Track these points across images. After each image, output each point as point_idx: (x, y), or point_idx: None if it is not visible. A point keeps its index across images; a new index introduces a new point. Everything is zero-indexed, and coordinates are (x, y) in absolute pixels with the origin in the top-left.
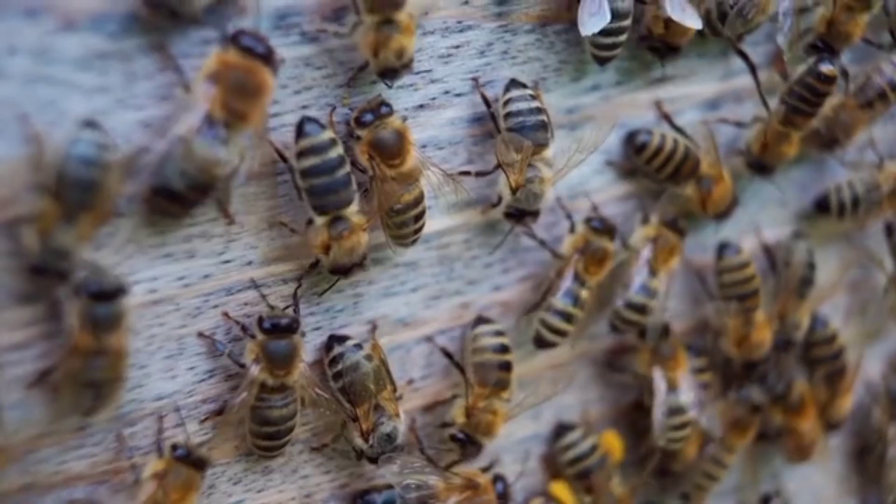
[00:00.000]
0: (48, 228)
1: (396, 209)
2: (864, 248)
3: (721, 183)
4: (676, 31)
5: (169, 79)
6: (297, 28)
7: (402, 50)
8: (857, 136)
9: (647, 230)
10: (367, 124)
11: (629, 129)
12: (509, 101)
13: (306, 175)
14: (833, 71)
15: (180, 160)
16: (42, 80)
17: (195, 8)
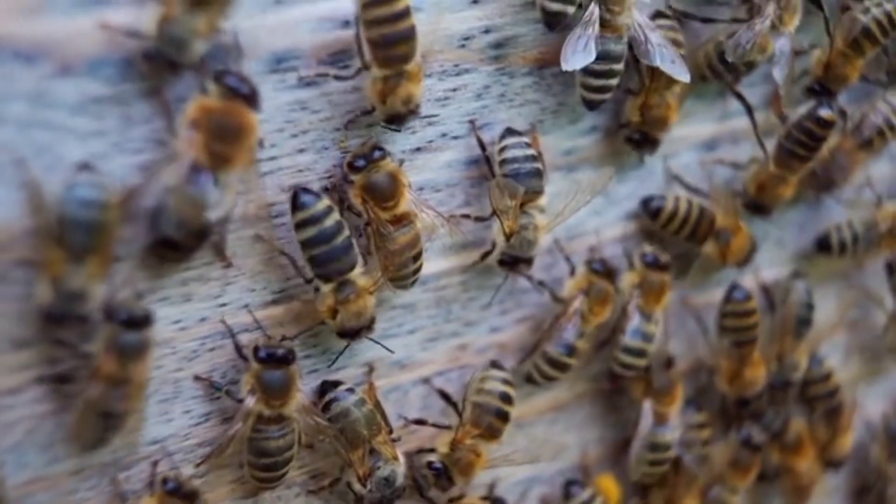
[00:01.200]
0: (58, 275)
1: (394, 250)
2: (863, 287)
3: (739, 233)
4: (656, 120)
5: (165, 123)
6: (294, 72)
7: (409, 97)
8: (854, 177)
9: (632, 276)
10: (360, 169)
11: (646, 196)
12: (505, 149)
13: (306, 246)
14: (832, 116)
15: (173, 209)
16: (38, 124)
17: (193, 56)
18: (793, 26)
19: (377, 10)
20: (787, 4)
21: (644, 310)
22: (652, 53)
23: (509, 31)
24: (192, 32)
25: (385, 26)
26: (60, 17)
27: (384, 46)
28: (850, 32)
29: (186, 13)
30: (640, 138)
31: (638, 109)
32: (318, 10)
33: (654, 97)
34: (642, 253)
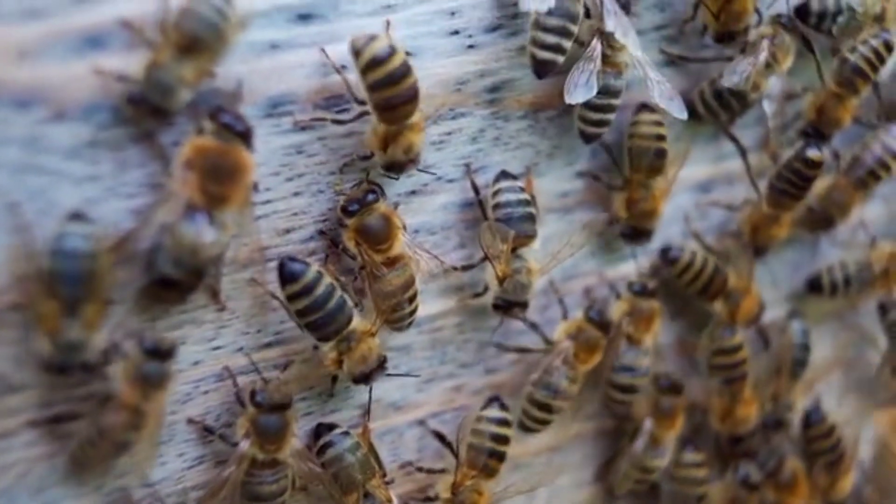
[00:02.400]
0: (55, 328)
1: (389, 292)
2: (858, 327)
3: (749, 296)
4: (643, 213)
5: (160, 167)
6: (290, 116)
7: (410, 146)
8: (852, 214)
9: (621, 305)
10: (353, 213)
11: (665, 244)
12: (498, 192)
13: (301, 315)
14: (819, 156)
15: (170, 249)
16: (32, 169)
17: (178, 104)
18: (786, 65)
19: (376, 73)
20: (780, 43)
21: (635, 338)
22: (651, 89)
23: (504, 75)
24: (179, 80)
25: (387, 90)
26: (55, 63)
27: (388, 109)
28: (841, 72)
29: (175, 60)
30: (631, 233)
31: (624, 205)
32: (314, 55)
33: (639, 191)
34: (629, 282)
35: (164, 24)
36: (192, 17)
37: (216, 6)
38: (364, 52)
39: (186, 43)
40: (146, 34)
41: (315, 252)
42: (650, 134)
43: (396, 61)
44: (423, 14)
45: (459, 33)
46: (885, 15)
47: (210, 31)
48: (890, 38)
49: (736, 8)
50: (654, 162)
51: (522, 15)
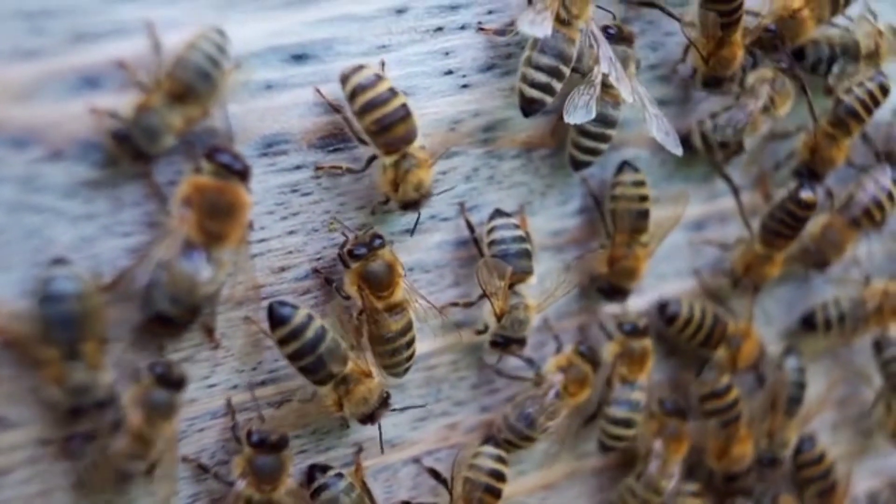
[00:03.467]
0: (60, 374)
1: (388, 337)
2: (852, 365)
3: (749, 339)
4: (623, 271)
5: (155, 206)
6: (284, 155)
7: (420, 183)
8: (846, 253)
9: (612, 346)
10: (360, 257)
11: (661, 300)
12: (493, 230)
13: (293, 359)
14: (813, 198)
15: (167, 285)
16: (28, 208)
17: (160, 149)
18: (784, 109)
19: (363, 97)
20: (780, 88)
21: (628, 378)
22: (648, 122)
23: (499, 114)
24: (167, 126)
25: (376, 111)
26: (52, 103)
27: (381, 132)
28: (835, 113)
29: (165, 106)
30: (608, 290)
31: (605, 262)
32: (308, 94)
33: (621, 249)
34: (620, 322)
35: (158, 69)
36: (185, 66)
37: (210, 56)
38: (350, 79)
39: (178, 91)
40: (140, 76)
41: (309, 290)
42: (632, 195)
43: (382, 87)
44: (416, 54)
45: (453, 73)
46: (879, 51)
47: (203, 81)
48: (885, 81)
49: (725, 54)
50: (636, 223)
51: (516, 55)
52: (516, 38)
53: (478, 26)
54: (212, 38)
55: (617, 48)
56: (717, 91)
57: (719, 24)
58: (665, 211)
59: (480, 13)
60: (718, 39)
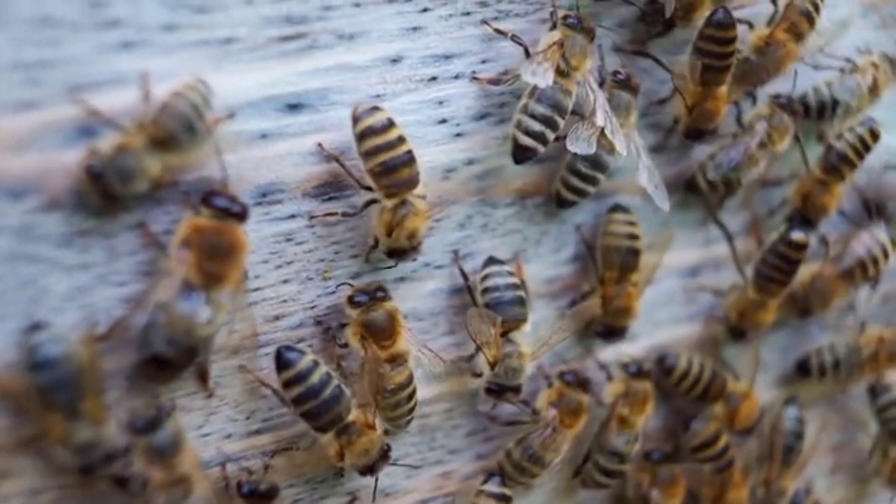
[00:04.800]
0: (64, 436)
1: (390, 389)
2: (847, 411)
3: (749, 400)
4: (617, 311)
5: (150, 255)
6: (279, 204)
7: (414, 232)
8: (833, 305)
9: (615, 386)
10: (360, 304)
11: (661, 352)
12: (487, 277)
13: (297, 403)
14: (804, 239)
15: (164, 327)
16: (24, 258)
17: (132, 192)
18: (782, 146)
19: (373, 140)
20: (778, 124)
21: (629, 421)
22: (640, 172)
23: (492, 162)
24: (142, 170)
25: (383, 154)
26: (48, 153)
27: (386, 174)
28: (827, 159)
29: (145, 150)
30: (605, 331)
31: (599, 303)
32: (303, 143)
33: (612, 288)
34: (623, 363)
35: (144, 113)
36: (169, 114)
37: (195, 105)
38: (363, 120)
39: (160, 136)
40: (118, 124)
41: (304, 339)
42: (623, 233)
43: (393, 134)
44: (411, 103)
45: (447, 122)
46: (878, 84)
47: (185, 130)
48: (875, 126)
49: (710, 107)
50: (626, 260)
51: (509, 103)
52: (510, 87)
53: (472, 75)
54: (197, 88)
55: (622, 95)
56: (697, 142)
57: (707, 68)
58: (656, 255)
59: (474, 62)
60: (704, 90)
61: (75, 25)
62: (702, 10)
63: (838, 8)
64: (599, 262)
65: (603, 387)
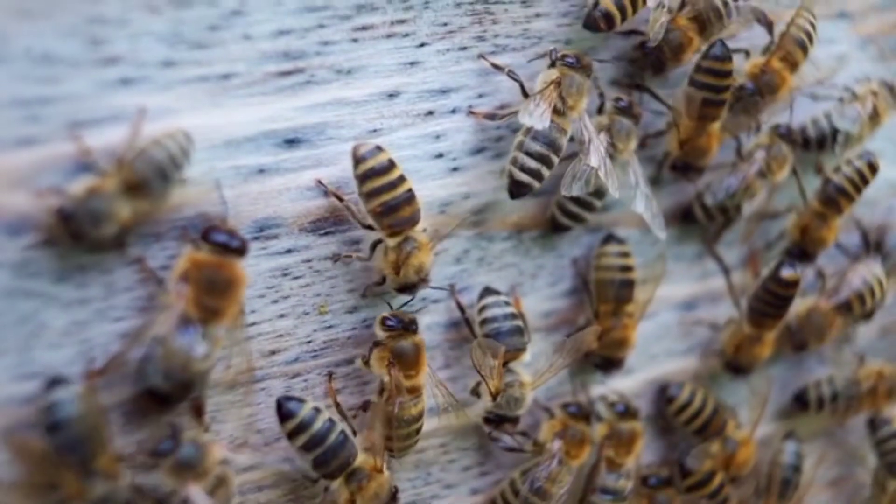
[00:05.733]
0: (81, 492)
1: (405, 419)
2: (846, 445)
3: (747, 447)
4: (613, 343)
5: (148, 290)
6: (276, 239)
7: (421, 266)
8: (829, 339)
9: (601, 427)
10: (391, 329)
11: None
12: (484, 308)
13: (303, 451)
14: (793, 275)
15: (160, 360)
16: (22, 293)
17: (100, 236)
18: (780, 176)
19: (375, 182)
20: (777, 154)
21: (615, 462)
22: (637, 199)
23: (489, 196)
24: (113, 214)
25: (385, 195)
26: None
27: (388, 214)
28: (825, 192)
29: (117, 194)
30: (602, 363)
31: (595, 336)
32: (300, 178)
33: (608, 320)
34: (611, 402)
35: (122, 156)
36: (146, 161)
37: (173, 156)
38: (366, 162)
39: (134, 182)
40: (100, 166)
41: (299, 374)
42: (615, 265)
43: (394, 174)
44: (408, 138)
45: (444, 156)
46: (878, 111)
47: (159, 179)
48: (874, 160)
49: (702, 144)
50: (621, 293)
51: (506, 137)
52: (506, 122)
53: (468, 110)
54: (178, 139)
55: (623, 121)
56: (684, 178)
57: (704, 102)
58: (650, 288)
59: (471, 97)
60: (698, 125)
61: (75, 62)
62: (691, 50)
63: (837, 43)
64: (594, 296)
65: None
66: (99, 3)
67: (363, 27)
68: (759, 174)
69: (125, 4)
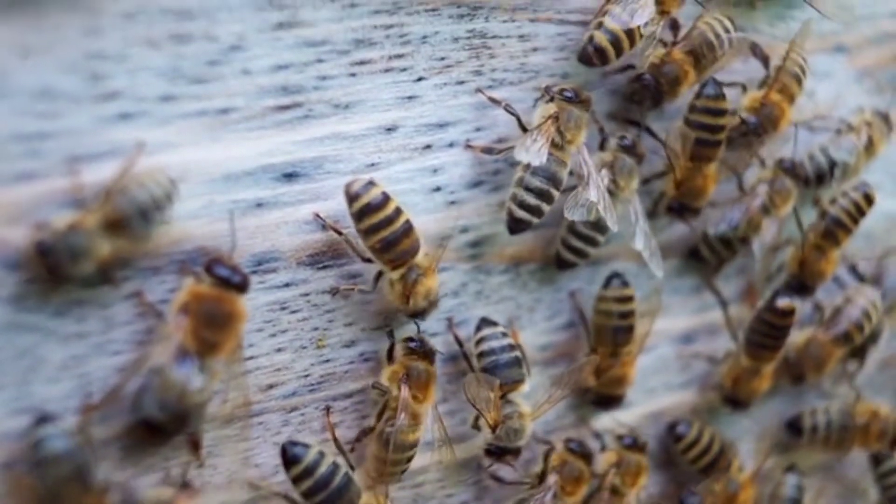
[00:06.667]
0: None
1: (400, 444)
2: (845, 479)
3: (747, 490)
4: (612, 381)
5: (146, 324)
6: (274, 273)
7: (429, 291)
8: (828, 370)
9: (608, 456)
10: (411, 350)
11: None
12: (481, 341)
13: (307, 496)
14: (789, 305)
15: (157, 391)
16: (20, 327)
17: (77, 273)
18: (785, 210)
19: (372, 218)
20: (781, 188)
21: (620, 491)
22: (637, 237)
23: (486, 230)
24: (92, 251)
25: (383, 230)
26: None
27: (387, 249)
28: (822, 224)
29: (97, 231)
30: (600, 399)
31: (593, 373)
32: (298, 212)
33: (606, 361)
34: (618, 435)
35: (107, 192)
36: (129, 200)
37: (156, 198)
38: (361, 199)
39: (114, 221)
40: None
41: (297, 408)
42: (615, 312)
43: (390, 207)
44: (406, 171)
45: (441, 189)
46: (873, 141)
47: (140, 220)
48: (870, 191)
49: (698, 184)
50: (618, 338)
51: (503, 171)
52: (504, 155)
53: (466, 143)
54: (162, 182)
55: (626, 159)
56: (679, 219)
57: (699, 142)
58: (646, 323)
59: (468, 130)
60: (694, 166)
61: (75, 97)
62: (687, 83)
63: (833, 76)
64: (592, 337)
65: (597, 456)
66: (99, 38)
67: (361, 62)
68: (763, 209)
69: (125, 40)
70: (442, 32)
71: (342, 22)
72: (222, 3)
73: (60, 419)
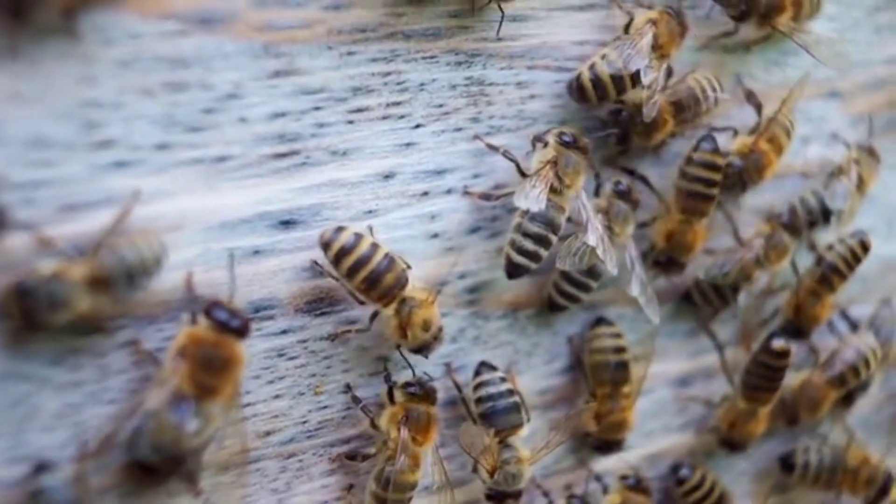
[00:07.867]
0: None
1: (400, 484)
2: None
3: None
4: (612, 426)
5: (142, 372)
6: (272, 320)
7: (427, 322)
8: (823, 413)
9: (612, 499)
10: (411, 394)
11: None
12: (479, 386)
13: None
14: (784, 346)
15: (151, 434)
16: (15, 376)
17: (53, 322)
18: (780, 264)
19: (349, 259)
20: (777, 243)
21: None
22: (633, 283)
23: (484, 275)
24: (71, 303)
25: (363, 269)
26: None
27: (373, 287)
28: (818, 270)
29: (80, 284)
30: (600, 445)
31: (593, 418)
32: (296, 259)
33: (606, 404)
34: (622, 475)
35: (97, 245)
36: (117, 259)
37: (144, 262)
38: (333, 244)
39: (99, 277)
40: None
41: (294, 454)
42: (609, 347)
43: (364, 245)
44: (403, 218)
45: (439, 236)
46: (863, 179)
47: (125, 281)
48: (866, 238)
49: (687, 239)
50: (616, 375)
51: (501, 217)
52: (502, 202)
53: (464, 190)
54: (153, 246)
55: (621, 205)
56: (664, 273)
57: (692, 195)
58: (643, 365)
59: (466, 177)
60: (685, 220)
61: (69, 146)
62: (662, 132)
63: (828, 121)
64: (590, 379)
65: (599, 499)
66: (93, 86)
67: (359, 109)
68: (756, 261)
69: (119, 88)
70: (440, 80)
71: (339, 70)
72: (217, 50)
73: (59, 468)
